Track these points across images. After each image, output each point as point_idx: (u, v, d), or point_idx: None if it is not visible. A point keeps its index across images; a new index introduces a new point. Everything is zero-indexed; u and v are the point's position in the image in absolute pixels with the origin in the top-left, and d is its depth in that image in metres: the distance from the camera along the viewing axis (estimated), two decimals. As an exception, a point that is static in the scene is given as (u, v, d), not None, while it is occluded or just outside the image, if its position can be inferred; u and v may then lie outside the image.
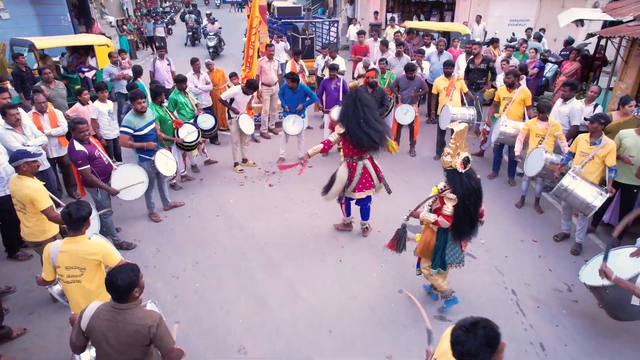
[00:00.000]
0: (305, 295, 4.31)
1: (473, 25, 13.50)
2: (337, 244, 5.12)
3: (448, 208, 3.46)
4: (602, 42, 8.72)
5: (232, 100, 6.52)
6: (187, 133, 5.96)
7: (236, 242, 5.15)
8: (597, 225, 5.37)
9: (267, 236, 5.27)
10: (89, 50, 9.23)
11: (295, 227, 5.44)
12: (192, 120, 6.27)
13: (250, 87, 6.45)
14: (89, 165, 4.40)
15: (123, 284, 2.25)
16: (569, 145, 5.17)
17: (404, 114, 7.07)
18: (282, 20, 11.59)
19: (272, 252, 4.98)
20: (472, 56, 7.98)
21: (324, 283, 4.47)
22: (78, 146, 4.36)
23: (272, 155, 7.48)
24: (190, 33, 19.55)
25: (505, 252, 5.01)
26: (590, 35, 7.95)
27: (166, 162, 5.40)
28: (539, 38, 10.29)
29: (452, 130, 3.40)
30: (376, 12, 16.57)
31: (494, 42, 9.73)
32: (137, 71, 7.27)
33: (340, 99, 6.90)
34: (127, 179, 4.79)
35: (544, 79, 9.64)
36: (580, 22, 8.11)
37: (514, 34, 13.23)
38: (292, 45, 10.67)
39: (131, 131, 5.03)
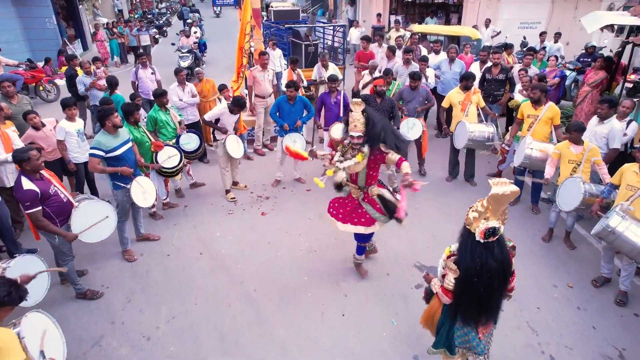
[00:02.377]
0: (301, 365, 3.56)
1: (481, 29, 12.72)
2: (339, 292, 4.35)
3: (449, 280, 2.65)
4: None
5: (217, 120, 5.74)
6: (168, 157, 5.21)
7: (221, 290, 4.39)
8: (642, 267, 4.62)
9: (257, 281, 4.51)
10: None
11: (290, 270, 4.67)
12: (173, 141, 5.53)
13: (237, 105, 5.65)
14: (40, 208, 3.64)
15: None
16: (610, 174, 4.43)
17: (410, 128, 6.29)
18: (286, 25, 10.65)
19: (263, 303, 4.21)
20: (487, 64, 7.21)
21: (324, 348, 3.71)
22: (27, 184, 3.59)
23: (267, 176, 6.70)
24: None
25: (536, 301, 4.25)
26: (626, 43, 7.17)
27: (143, 191, 4.65)
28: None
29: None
30: (379, 14, 15.75)
31: (507, 47, 8.93)
32: (113, 83, 6.40)
33: (341, 114, 6.11)
34: (92, 218, 4.03)
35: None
36: (610, 27, 7.35)
37: (524, 38, 12.45)
38: (293, 52, 9.84)
39: (102, 153, 4.29)
